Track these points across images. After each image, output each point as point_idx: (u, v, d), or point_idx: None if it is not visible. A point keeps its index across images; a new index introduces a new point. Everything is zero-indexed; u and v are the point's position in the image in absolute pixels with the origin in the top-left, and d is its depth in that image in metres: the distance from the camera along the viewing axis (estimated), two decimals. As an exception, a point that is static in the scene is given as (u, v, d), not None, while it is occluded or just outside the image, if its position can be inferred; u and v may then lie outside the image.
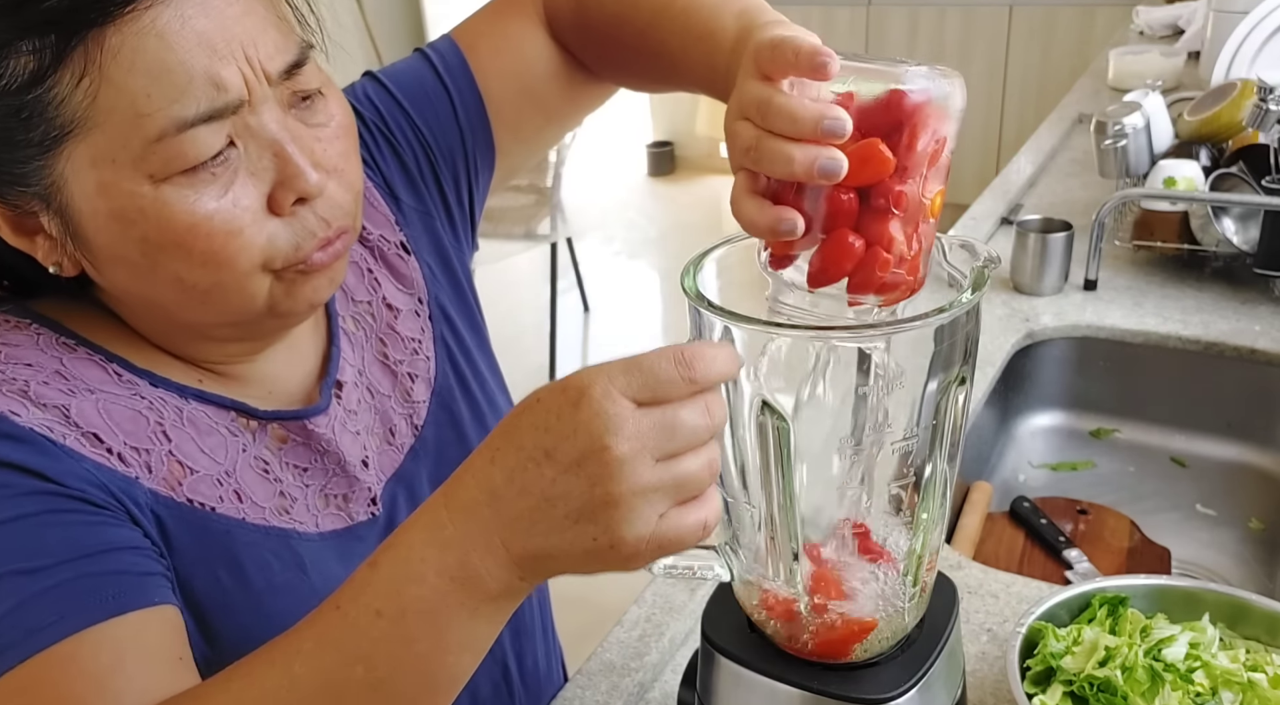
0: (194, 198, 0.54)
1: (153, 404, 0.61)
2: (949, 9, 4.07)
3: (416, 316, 0.77)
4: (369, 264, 0.76)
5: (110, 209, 0.54)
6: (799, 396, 0.55)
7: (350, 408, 0.71)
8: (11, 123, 0.52)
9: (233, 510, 0.62)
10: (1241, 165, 1.42)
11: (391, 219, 0.77)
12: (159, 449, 0.60)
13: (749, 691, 0.62)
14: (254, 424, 0.66)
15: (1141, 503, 1.31)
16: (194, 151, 0.53)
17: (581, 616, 2.34)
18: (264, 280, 0.59)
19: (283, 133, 0.57)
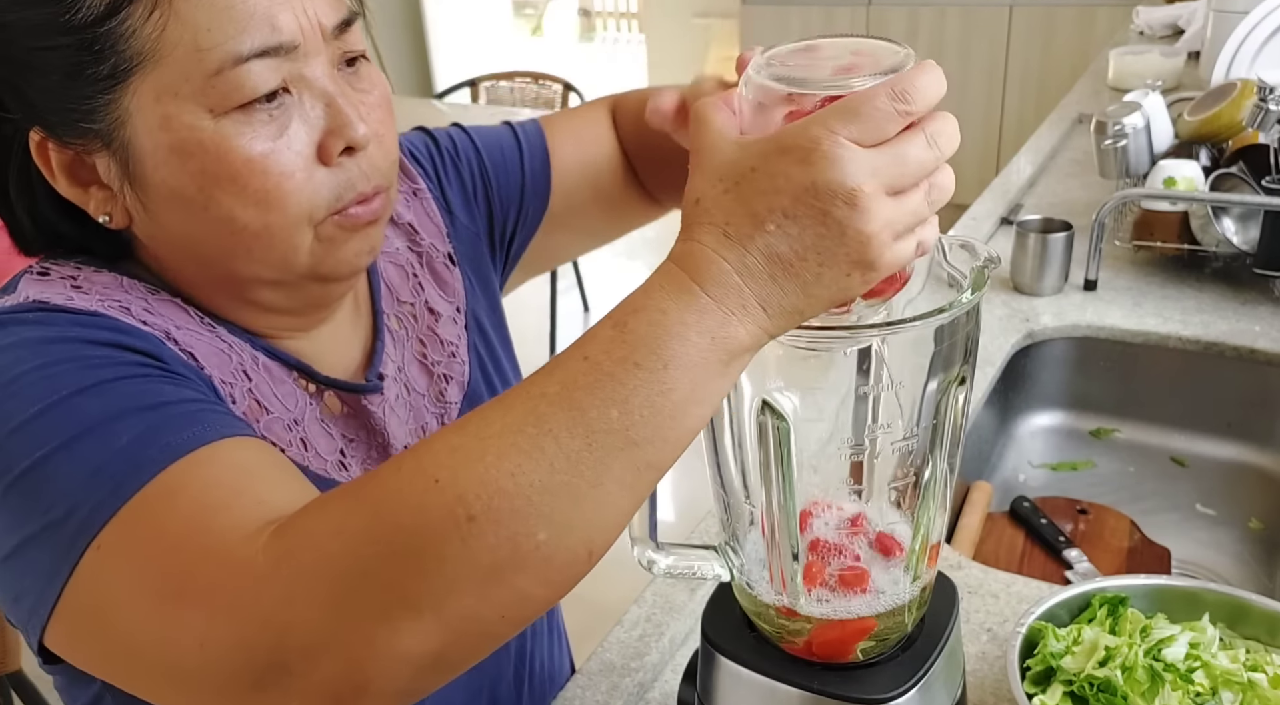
0: (251, 135, 0.57)
1: (232, 346, 0.64)
2: (949, 9, 4.07)
3: (455, 323, 0.80)
4: (415, 269, 0.80)
5: (171, 142, 0.57)
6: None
7: (390, 403, 0.73)
8: (84, 56, 0.55)
9: (299, 457, 0.65)
10: (1241, 165, 1.42)
11: (443, 230, 0.82)
12: (241, 385, 0.63)
13: (749, 691, 0.62)
14: (313, 387, 0.69)
15: (1141, 503, 1.31)
16: (249, 86, 0.56)
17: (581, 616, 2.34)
18: (307, 233, 0.61)
19: (333, 86, 0.60)
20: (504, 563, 0.44)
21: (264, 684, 0.45)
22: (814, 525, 0.60)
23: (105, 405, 0.52)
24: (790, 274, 0.45)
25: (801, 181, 0.44)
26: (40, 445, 0.51)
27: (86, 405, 0.52)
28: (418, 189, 0.82)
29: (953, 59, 4.13)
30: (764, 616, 0.62)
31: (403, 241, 0.80)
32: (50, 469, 0.50)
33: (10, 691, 1.38)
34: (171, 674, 0.49)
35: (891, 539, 0.60)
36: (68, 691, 0.68)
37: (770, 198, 0.44)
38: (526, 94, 3.84)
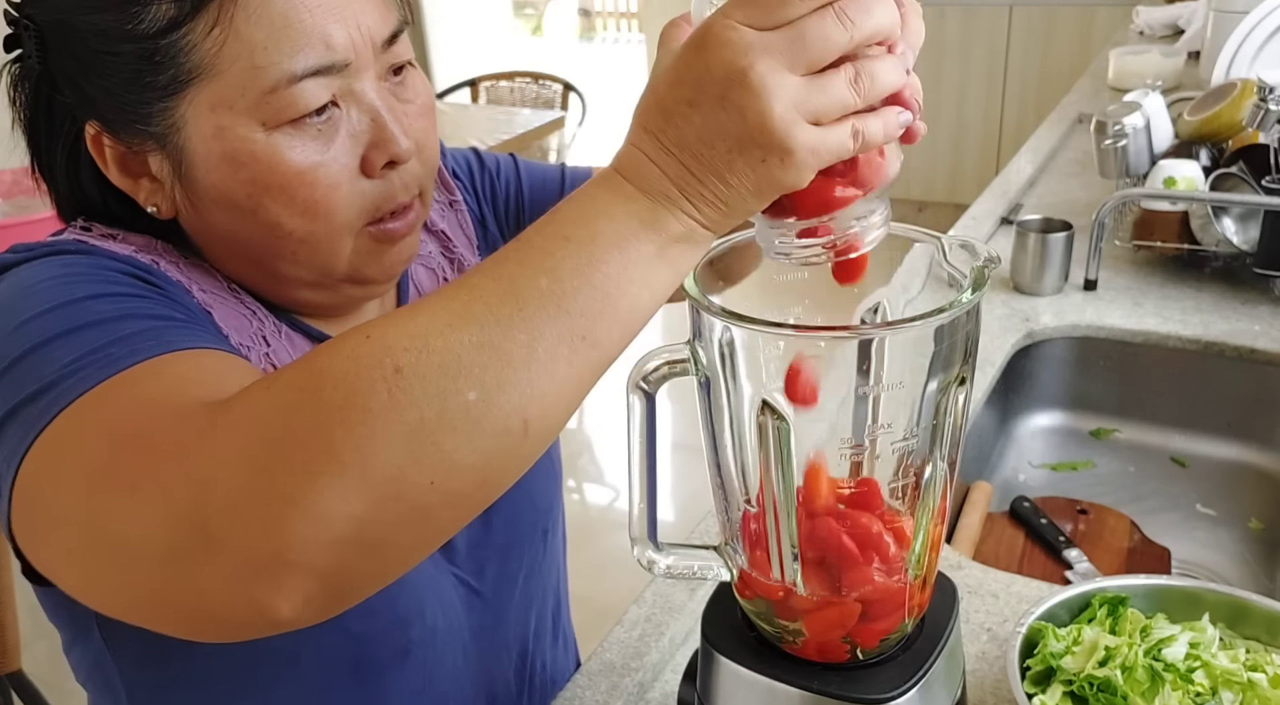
0: (301, 148, 0.60)
1: (255, 312, 0.67)
2: (949, 9, 4.07)
3: None
4: (445, 273, 0.82)
5: (224, 151, 0.59)
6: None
7: None
8: (143, 65, 0.57)
9: None
10: (1241, 165, 1.42)
11: (474, 242, 0.84)
12: (258, 349, 0.65)
13: (749, 691, 0.62)
14: None
15: (1141, 503, 1.31)
16: (302, 102, 0.58)
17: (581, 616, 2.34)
18: (348, 242, 0.64)
19: (380, 100, 0.62)
20: (431, 421, 0.43)
21: (182, 553, 0.44)
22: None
23: (114, 308, 0.55)
24: (702, 161, 0.45)
25: (698, 68, 0.44)
26: (45, 332, 0.53)
27: (96, 306, 0.55)
28: (454, 200, 0.85)
29: (953, 59, 4.13)
30: (764, 616, 0.62)
31: (436, 246, 0.82)
32: (49, 349, 0.52)
33: (10, 691, 1.38)
34: (96, 547, 0.48)
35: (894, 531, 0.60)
36: (56, 615, 0.70)
37: (676, 89, 0.45)
38: (526, 94, 3.84)
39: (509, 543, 0.81)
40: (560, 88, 3.75)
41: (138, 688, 0.69)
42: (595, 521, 2.81)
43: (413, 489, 0.43)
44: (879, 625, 0.60)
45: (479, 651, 0.79)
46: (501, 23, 6.15)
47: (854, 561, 0.58)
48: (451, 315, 0.44)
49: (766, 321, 0.53)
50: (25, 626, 1.33)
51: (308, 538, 0.42)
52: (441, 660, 0.75)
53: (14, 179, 2.31)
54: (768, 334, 0.54)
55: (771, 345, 0.55)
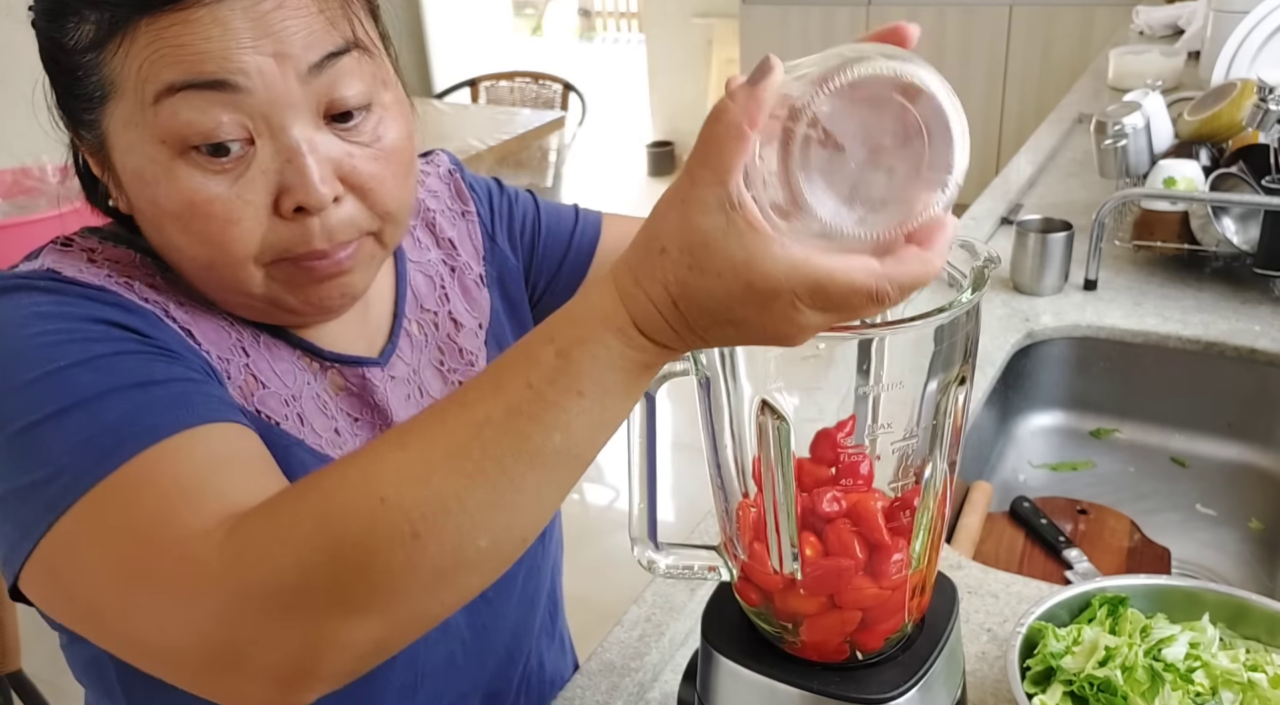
0: (201, 179, 0.58)
1: (234, 323, 0.67)
2: (949, 9, 4.07)
3: (476, 336, 0.81)
4: (444, 280, 0.81)
5: (133, 167, 0.60)
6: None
7: (399, 398, 0.74)
8: (75, 78, 0.59)
9: (294, 430, 0.67)
10: (1241, 165, 1.42)
11: (480, 254, 0.84)
12: (238, 360, 0.66)
13: (749, 691, 0.62)
14: (316, 365, 0.70)
15: (1141, 503, 1.31)
16: (185, 119, 0.57)
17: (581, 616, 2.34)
18: (255, 272, 0.62)
19: (302, 140, 0.59)
20: (448, 569, 0.48)
21: (218, 666, 0.49)
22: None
23: (98, 380, 0.55)
24: (726, 339, 0.48)
25: (754, 322, 0.46)
26: (36, 409, 0.54)
27: (82, 378, 0.55)
28: (467, 211, 0.84)
29: (953, 59, 4.13)
30: (764, 616, 0.62)
31: (438, 253, 0.82)
32: (42, 432, 0.54)
33: (10, 691, 1.38)
34: (133, 644, 0.53)
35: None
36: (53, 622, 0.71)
37: (722, 310, 0.45)
38: (526, 94, 3.84)
39: None
40: (560, 88, 3.75)
41: (134, 685, 0.70)
42: (595, 521, 2.81)
43: (430, 616, 0.51)
44: (879, 628, 0.60)
45: (477, 650, 0.79)
46: (501, 23, 6.15)
47: (853, 576, 0.58)
48: (465, 478, 0.47)
49: (766, 321, 0.53)
50: (25, 626, 1.33)
51: (334, 660, 0.49)
52: (434, 658, 0.75)
53: (14, 179, 2.31)
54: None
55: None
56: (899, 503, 0.58)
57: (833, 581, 0.58)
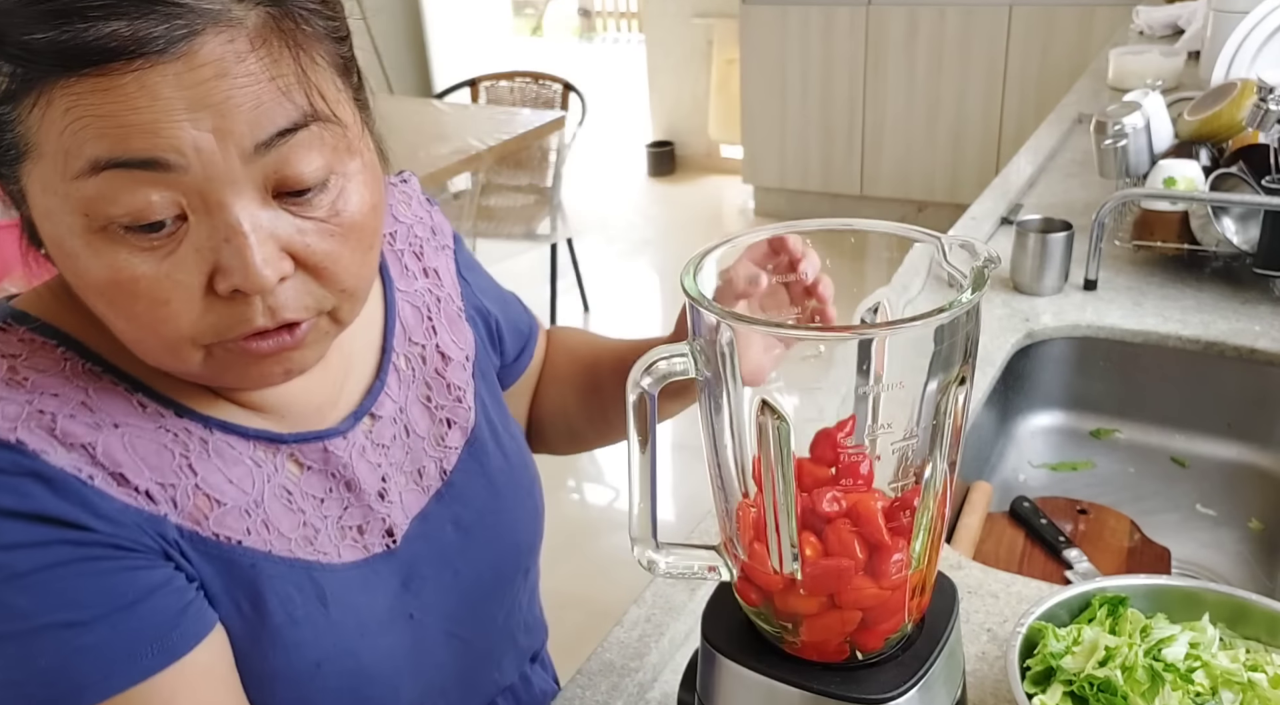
0: (125, 256, 0.52)
1: (178, 435, 0.60)
2: (949, 9, 4.07)
3: (464, 369, 0.79)
4: (430, 311, 0.78)
5: (52, 235, 0.54)
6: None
7: (382, 441, 0.71)
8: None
9: (260, 543, 0.62)
10: (1241, 165, 1.42)
11: (459, 290, 0.81)
12: (185, 483, 0.60)
13: (749, 691, 0.62)
14: (275, 452, 0.65)
15: (1141, 503, 1.31)
16: (109, 197, 0.51)
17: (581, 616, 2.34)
18: (195, 352, 0.56)
19: (244, 218, 0.53)
20: None
21: None
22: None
23: (28, 605, 0.53)
24: None
25: None
26: None
27: (9, 601, 0.53)
28: (447, 245, 0.82)
29: (953, 59, 4.13)
30: (764, 617, 0.62)
31: (424, 283, 0.79)
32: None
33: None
34: None
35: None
36: None
37: None
38: (526, 94, 3.84)
39: (493, 585, 0.78)
40: (560, 88, 3.75)
41: None
42: (595, 521, 2.81)
43: None
44: (879, 628, 0.60)
45: (462, 694, 0.78)
46: (501, 23, 6.15)
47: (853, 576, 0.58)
48: None
49: (766, 321, 0.53)
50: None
51: None
52: (416, 700, 0.73)
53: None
54: (768, 334, 0.54)
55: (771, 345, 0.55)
56: (899, 503, 0.58)
57: (833, 581, 0.58)
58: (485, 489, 0.77)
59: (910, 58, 4.20)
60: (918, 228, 0.61)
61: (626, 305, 4.07)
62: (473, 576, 0.75)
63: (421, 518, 0.73)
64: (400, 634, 0.70)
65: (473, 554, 0.75)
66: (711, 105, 5.22)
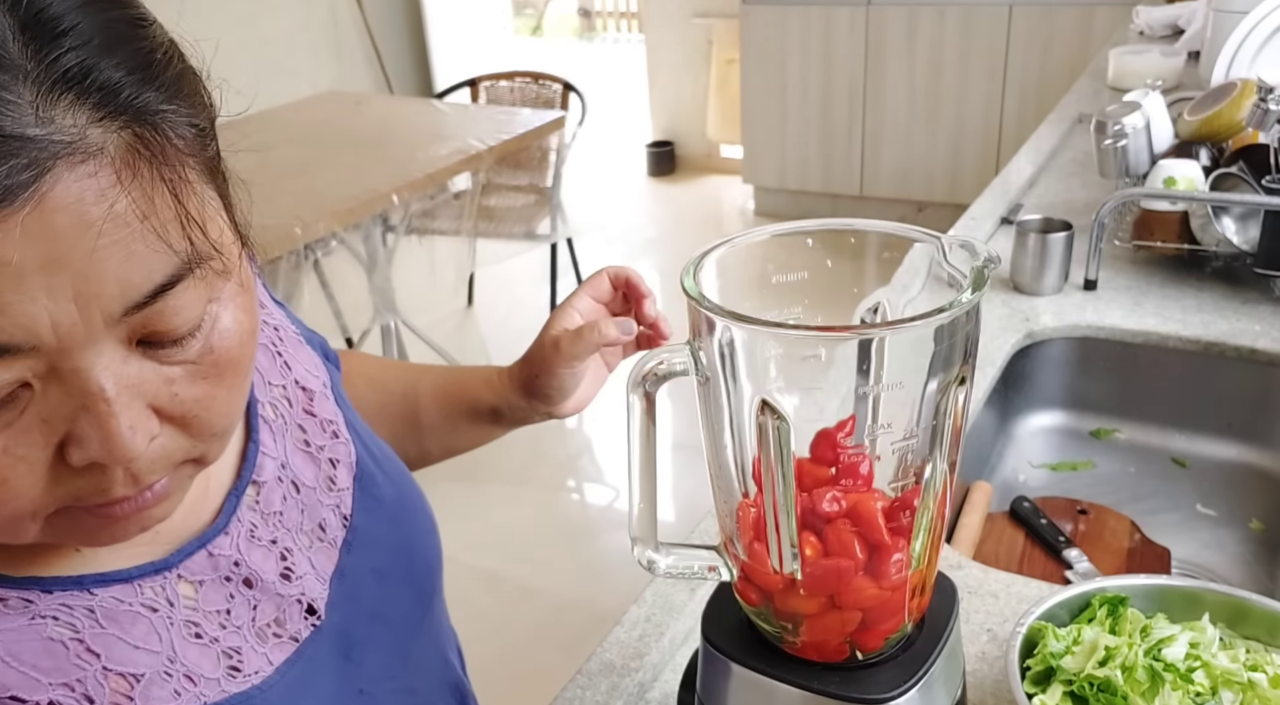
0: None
1: (58, 619, 0.50)
2: (949, 9, 4.07)
3: (327, 398, 0.70)
4: (277, 346, 0.68)
5: None
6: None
7: (272, 509, 0.62)
8: None
9: (192, 700, 0.54)
10: (1241, 165, 1.42)
11: (283, 312, 0.73)
12: (91, 671, 0.50)
13: (749, 691, 0.62)
14: (164, 582, 0.56)
15: (1141, 503, 1.31)
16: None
17: (581, 616, 2.34)
18: (34, 524, 0.46)
19: (106, 382, 0.43)
20: None
21: None
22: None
23: None
24: None
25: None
26: None
27: None
28: (258, 272, 0.67)
29: (953, 59, 4.13)
30: (764, 616, 0.62)
31: (258, 314, 0.67)
32: None
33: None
34: None
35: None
36: None
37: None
38: (526, 94, 3.84)
39: (421, 621, 0.73)
40: (560, 88, 3.75)
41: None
42: (595, 521, 2.81)
43: None
44: (879, 628, 0.60)
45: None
46: (501, 23, 6.15)
47: (852, 576, 0.58)
48: None
49: (766, 321, 0.53)
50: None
51: None
52: None
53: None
54: (768, 334, 0.54)
55: (771, 344, 0.55)
56: (899, 503, 0.58)
57: (833, 581, 0.58)
58: (386, 522, 0.70)
59: (910, 58, 4.20)
60: (918, 228, 0.61)
61: (626, 305, 4.07)
62: (401, 619, 0.70)
63: (339, 576, 0.65)
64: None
65: (396, 596, 0.69)
66: (711, 105, 5.22)
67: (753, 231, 0.62)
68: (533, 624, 2.29)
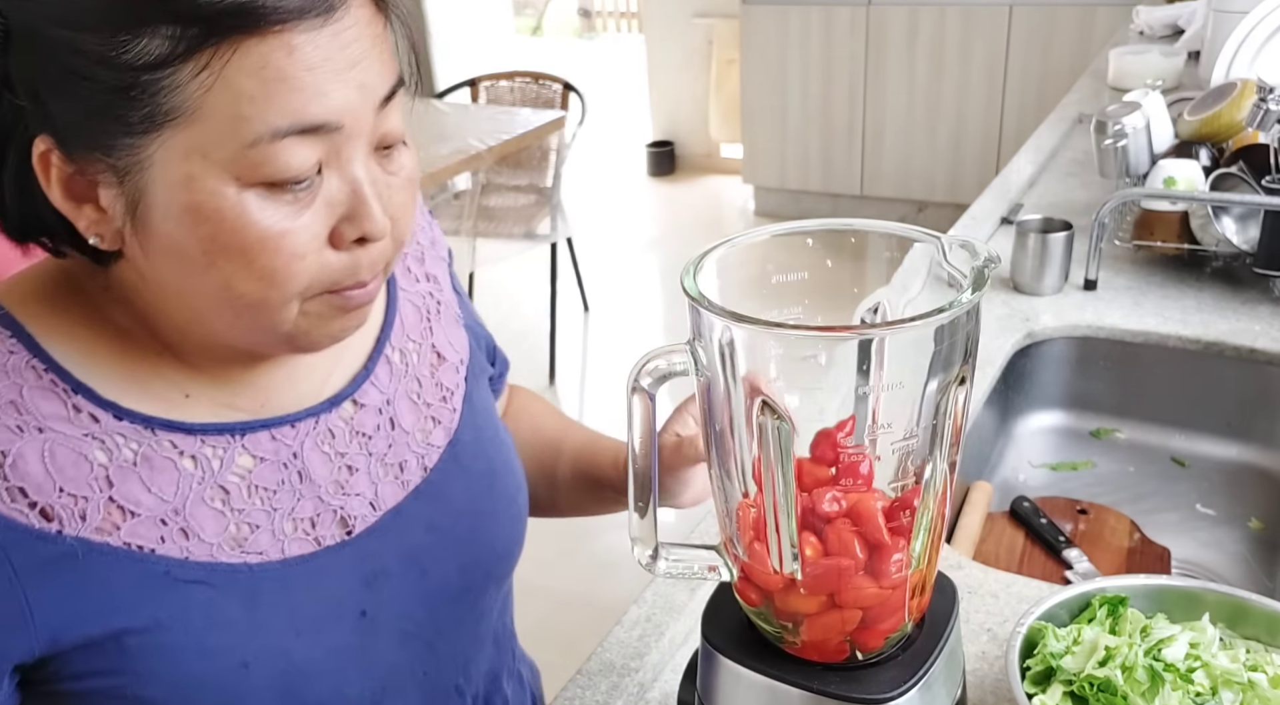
0: (273, 212, 0.54)
1: (104, 443, 0.60)
2: (949, 9, 4.07)
3: (456, 372, 0.79)
4: (430, 314, 0.78)
5: (189, 202, 0.54)
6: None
7: (364, 430, 0.71)
8: (118, 97, 0.51)
9: (175, 550, 0.61)
10: (1241, 165, 1.42)
11: (456, 300, 0.82)
12: (98, 497, 0.59)
13: (749, 691, 0.62)
14: (227, 446, 0.64)
15: (1141, 503, 1.31)
16: (281, 161, 0.53)
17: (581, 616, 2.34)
18: (294, 308, 0.59)
19: (365, 172, 0.57)
20: None
21: None
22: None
23: None
24: None
25: None
26: None
27: None
28: (444, 258, 0.83)
29: (953, 59, 4.13)
30: (764, 616, 0.62)
31: (425, 286, 0.79)
32: None
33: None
34: None
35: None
36: None
37: None
38: (527, 94, 3.84)
39: (462, 590, 0.76)
40: (560, 88, 3.75)
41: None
42: (595, 521, 2.80)
43: None
44: (879, 627, 0.60)
45: (421, 697, 0.75)
46: (501, 23, 6.15)
47: (852, 576, 0.58)
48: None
49: (766, 321, 0.53)
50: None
51: None
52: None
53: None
54: (767, 334, 0.54)
55: (771, 344, 0.55)
56: (899, 503, 0.58)
57: (833, 581, 0.58)
58: (465, 491, 0.76)
59: (910, 58, 4.20)
60: (918, 228, 0.61)
61: (626, 305, 4.07)
62: (440, 579, 0.74)
63: (395, 513, 0.71)
64: (346, 632, 0.68)
65: (444, 556, 0.74)
66: (711, 105, 5.22)
67: (753, 231, 0.62)
68: (532, 623, 2.29)
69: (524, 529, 0.82)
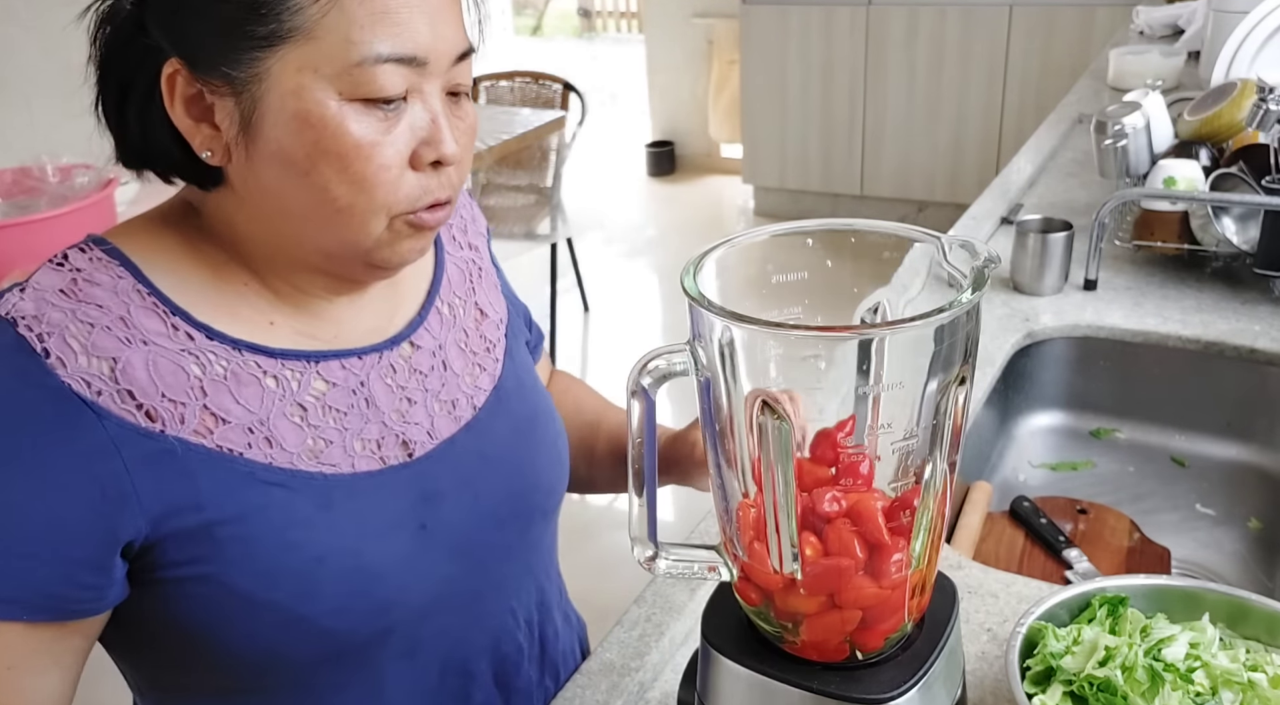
0: (366, 125, 0.64)
1: (199, 357, 0.68)
2: (949, 9, 4.07)
3: (498, 328, 0.87)
4: (475, 276, 0.88)
5: (297, 109, 0.63)
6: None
7: (420, 368, 0.79)
8: (248, 15, 0.62)
9: (260, 456, 0.69)
10: (1241, 165, 1.42)
11: (495, 272, 0.92)
12: (194, 403, 0.67)
13: (749, 691, 0.62)
14: (304, 370, 0.72)
15: (1141, 503, 1.31)
16: (378, 83, 0.63)
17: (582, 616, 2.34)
18: (382, 221, 0.67)
19: (440, 107, 0.68)
20: None
21: None
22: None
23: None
24: None
25: None
26: None
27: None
28: (483, 234, 0.92)
29: (953, 59, 4.13)
30: (764, 616, 0.62)
31: (468, 254, 0.88)
32: None
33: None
34: None
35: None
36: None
37: None
38: (527, 94, 3.84)
39: (511, 517, 0.82)
40: (560, 88, 3.75)
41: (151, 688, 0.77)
42: (595, 521, 2.81)
43: None
44: (879, 627, 0.60)
45: (474, 614, 0.81)
46: (501, 23, 6.15)
47: (852, 576, 0.58)
48: None
49: (766, 321, 0.53)
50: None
51: None
52: (430, 626, 0.77)
53: (14, 179, 2.30)
54: (767, 334, 0.54)
55: (771, 344, 0.55)
56: (899, 503, 0.58)
57: (833, 581, 0.58)
58: (511, 430, 0.84)
59: (910, 58, 4.20)
60: (918, 228, 0.61)
61: (626, 305, 4.07)
62: (491, 504, 0.80)
63: (449, 443, 0.79)
64: (406, 541, 0.74)
65: (494, 483, 0.81)
66: (711, 105, 5.22)
67: (753, 231, 0.62)
68: (533, 624, 2.29)
69: (565, 472, 0.89)
